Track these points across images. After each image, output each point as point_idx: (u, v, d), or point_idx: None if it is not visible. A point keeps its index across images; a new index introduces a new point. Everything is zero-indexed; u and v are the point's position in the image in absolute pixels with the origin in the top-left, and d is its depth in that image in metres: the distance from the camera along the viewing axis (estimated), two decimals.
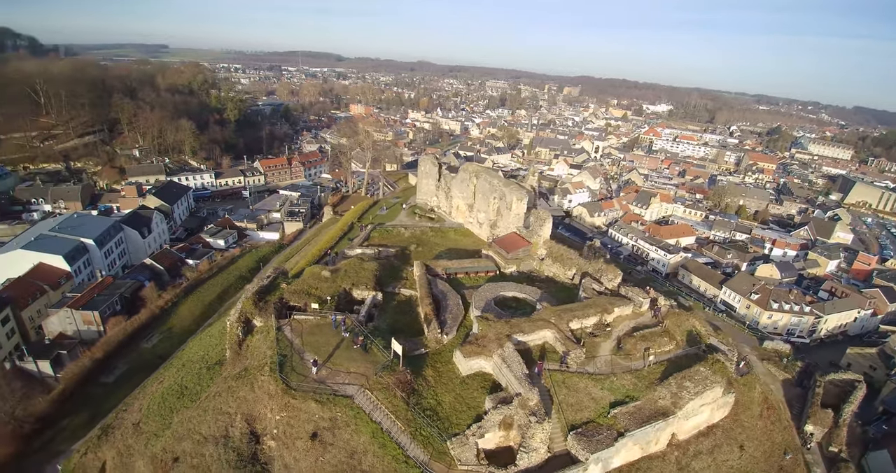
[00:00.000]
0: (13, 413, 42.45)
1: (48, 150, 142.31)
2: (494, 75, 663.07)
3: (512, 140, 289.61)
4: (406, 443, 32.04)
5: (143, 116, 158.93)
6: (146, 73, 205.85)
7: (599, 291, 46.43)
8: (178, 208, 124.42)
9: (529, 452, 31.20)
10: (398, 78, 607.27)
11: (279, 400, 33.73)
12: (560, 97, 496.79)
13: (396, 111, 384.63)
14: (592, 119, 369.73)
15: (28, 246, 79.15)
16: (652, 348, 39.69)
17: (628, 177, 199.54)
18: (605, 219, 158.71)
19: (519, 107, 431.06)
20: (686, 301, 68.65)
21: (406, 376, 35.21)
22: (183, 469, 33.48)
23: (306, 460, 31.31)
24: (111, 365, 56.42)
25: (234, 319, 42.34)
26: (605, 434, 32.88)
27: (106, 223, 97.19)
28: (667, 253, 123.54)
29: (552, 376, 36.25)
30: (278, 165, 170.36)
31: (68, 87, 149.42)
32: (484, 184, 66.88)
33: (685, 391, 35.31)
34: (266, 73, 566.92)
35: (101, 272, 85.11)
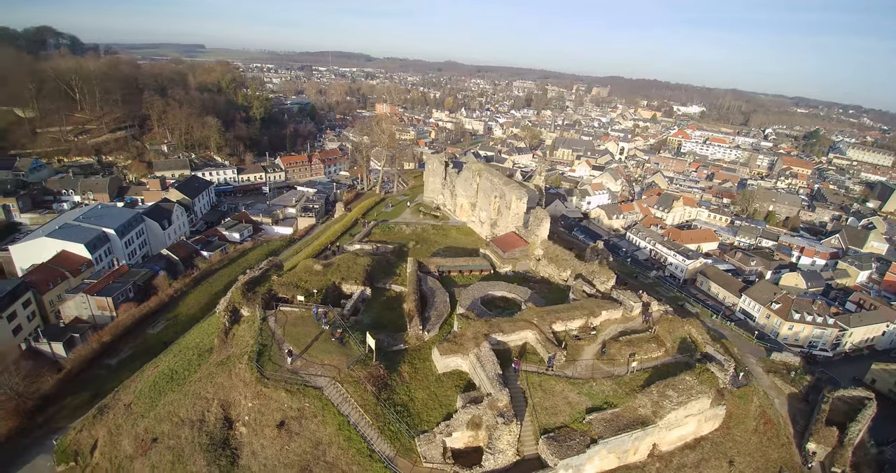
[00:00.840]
0: (17, 389, 44.52)
1: (81, 144, 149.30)
2: (522, 75, 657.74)
3: (534, 140, 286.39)
4: (373, 437, 31.93)
5: (172, 113, 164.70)
6: (178, 72, 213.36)
7: (590, 293, 45.12)
8: (199, 202, 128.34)
9: (495, 454, 30.55)
10: (425, 78, 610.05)
11: (252, 388, 34.22)
12: (588, 97, 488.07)
13: (421, 111, 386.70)
14: (620, 120, 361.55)
15: (52, 235, 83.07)
16: (637, 354, 38.26)
17: (652, 179, 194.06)
18: (624, 221, 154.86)
19: (544, 107, 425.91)
20: (693, 307, 65.97)
21: (379, 370, 35.11)
22: (160, 449, 34.34)
23: (272, 447, 31.62)
24: (117, 349, 58.48)
25: (223, 308, 43.27)
26: (578, 440, 31.85)
27: (128, 214, 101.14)
28: (685, 258, 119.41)
29: (528, 378, 35.42)
30: (299, 162, 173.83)
31: (102, 84, 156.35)
32: (485, 182, 66.20)
33: (667, 400, 33.86)
34: (297, 73, 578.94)
35: (118, 260, 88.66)
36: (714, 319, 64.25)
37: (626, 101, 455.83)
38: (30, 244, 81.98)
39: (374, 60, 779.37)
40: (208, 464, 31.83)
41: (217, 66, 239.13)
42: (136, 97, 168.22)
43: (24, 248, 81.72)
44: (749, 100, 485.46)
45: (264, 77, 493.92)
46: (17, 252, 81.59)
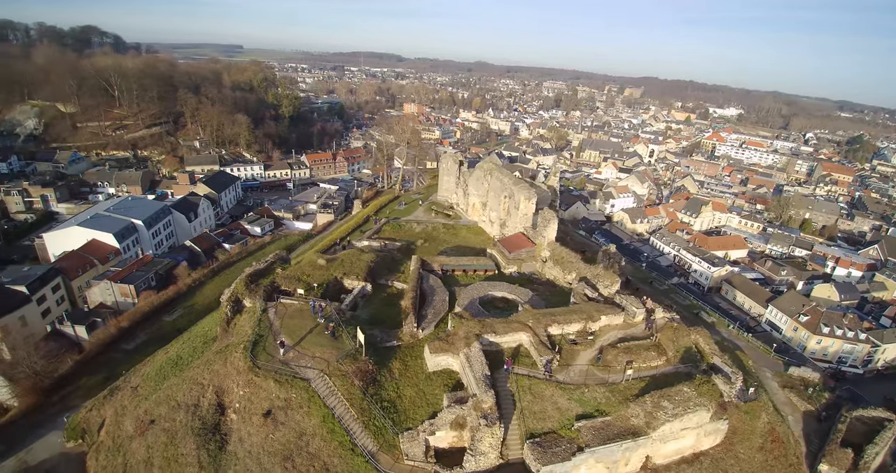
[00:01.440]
0: (35, 368, 46.99)
1: (119, 139, 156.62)
2: (553, 76, 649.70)
3: (561, 141, 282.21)
4: (357, 431, 32.02)
5: (205, 110, 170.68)
6: (213, 71, 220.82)
7: (592, 297, 43.92)
8: (225, 196, 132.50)
9: (476, 455, 30.07)
10: (455, 78, 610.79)
11: (244, 377, 34.92)
12: (619, 99, 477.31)
13: (448, 111, 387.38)
14: (651, 122, 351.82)
15: (83, 224, 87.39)
16: (635, 362, 36.93)
17: (681, 183, 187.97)
18: (648, 226, 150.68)
19: (574, 108, 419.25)
20: (710, 316, 63.31)
21: (368, 365, 35.16)
22: (156, 430, 35.51)
23: (258, 435, 32.14)
24: (134, 334, 60.81)
25: (226, 298, 44.38)
26: (564, 447, 30.95)
27: (156, 206, 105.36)
28: (710, 265, 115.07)
29: (518, 381, 34.71)
30: (323, 160, 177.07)
31: (140, 82, 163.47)
32: (496, 182, 65.52)
33: (661, 411, 32.43)
34: (329, 73, 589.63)
35: (145, 250, 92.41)
36: (731, 329, 61.58)
37: (660, 103, 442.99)
38: (62, 232, 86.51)
39: (406, 61, 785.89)
40: (198, 448, 32.67)
41: (250, 65, 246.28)
42: (171, 94, 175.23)
43: (56, 236, 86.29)
44: (790, 103, 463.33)
45: (297, 77, 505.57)
46: (51, 239, 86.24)
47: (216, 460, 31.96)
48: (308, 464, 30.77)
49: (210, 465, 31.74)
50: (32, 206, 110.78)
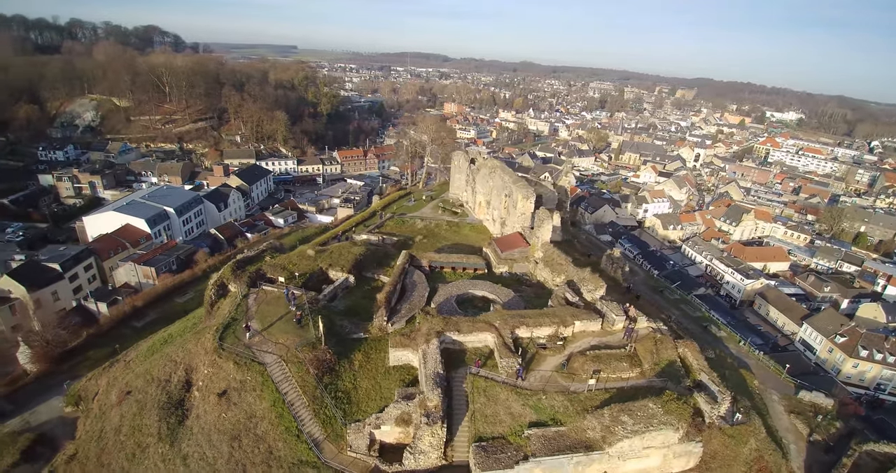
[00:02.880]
0: (46, 337, 50.87)
1: (167, 132, 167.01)
2: (600, 76, 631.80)
3: (600, 143, 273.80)
4: (305, 418, 32.35)
5: (247, 107, 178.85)
6: (259, 69, 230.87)
7: (572, 301, 42.03)
8: (256, 188, 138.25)
9: (416, 454, 29.56)
10: (499, 78, 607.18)
11: (210, 357, 36.10)
12: (669, 100, 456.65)
13: (488, 110, 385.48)
14: (702, 125, 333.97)
15: (119, 209, 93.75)
16: (604, 371, 34.98)
17: (725, 189, 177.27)
18: (682, 233, 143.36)
19: (619, 109, 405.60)
20: (720, 330, 59.00)
21: (326, 355, 35.39)
22: (130, 401, 37.37)
23: (213, 413, 33.13)
24: (145, 313, 64.37)
25: (212, 282, 46.08)
26: (510, 454, 29.74)
27: (188, 196, 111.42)
28: (744, 277, 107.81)
29: (475, 382, 33.78)
30: (354, 156, 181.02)
31: (189, 79, 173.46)
32: (497, 179, 64.33)
33: (620, 426, 30.39)
34: (376, 73, 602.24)
35: (175, 236, 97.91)
36: (741, 346, 57.11)
37: (713, 105, 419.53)
38: (100, 216, 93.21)
39: (451, 61, 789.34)
40: (160, 420, 34.11)
41: (293, 64, 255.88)
42: (217, 91, 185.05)
43: (95, 220, 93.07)
44: (856, 109, 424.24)
45: (345, 76, 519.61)
46: (90, 222, 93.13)
47: (173, 433, 33.23)
48: (253, 445, 31.39)
49: (167, 437, 33.05)
50: (81, 192, 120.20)
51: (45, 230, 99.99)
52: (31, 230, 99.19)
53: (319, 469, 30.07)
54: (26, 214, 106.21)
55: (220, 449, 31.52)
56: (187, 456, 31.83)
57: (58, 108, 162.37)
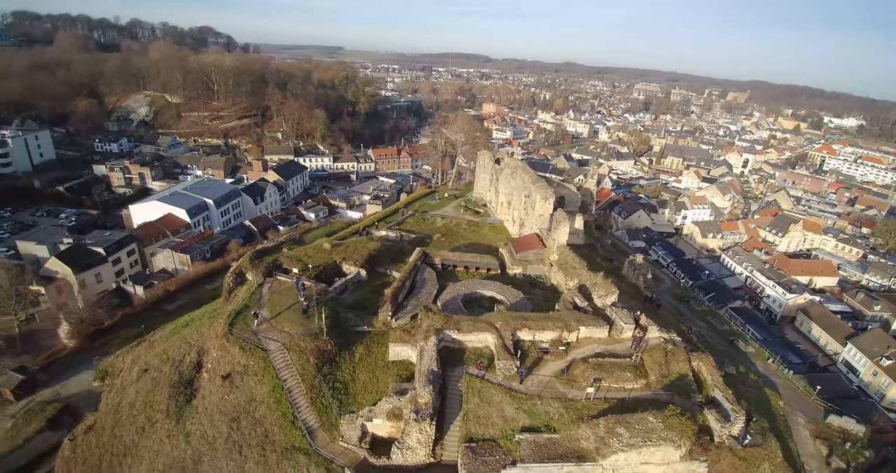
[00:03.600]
0: (81, 316, 54.74)
1: (214, 128, 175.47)
2: (647, 77, 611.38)
3: (641, 146, 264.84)
4: (302, 406, 33.16)
5: (288, 105, 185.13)
6: (302, 69, 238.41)
7: (580, 306, 40.87)
8: (292, 183, 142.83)
9: (404, 449, 29.66)
10: (540, 79, 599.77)
11: (219, 341, 37.70)
12: (719, 103, 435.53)
13: (527, 111, 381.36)
14: (753, 129, 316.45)
15: (162, 199, 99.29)
16: (605, 380, 33.78)
17: (773, 197, 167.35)
18: (722, 242, 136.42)
19: (665, 111, 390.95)
20: (748, 345, 55.63)
21: (327, 345, 36.10)
22: (146, 378, 39.66)
23: (216, 394, 34.58)
24: (176, 297, 67.97)
25: (231, 270, 48.04)
26: (499, 457, 29.22)
27: (227, 188, 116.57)
28: (786, 291, 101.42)
29: (470, 382, 33.50)
30: (388, 155, 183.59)
31: (235, 78, 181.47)
32: (518, 180, 63.50)
33: (615, 438, 29.20)
34: (417, 73, 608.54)
35: (213, 226, 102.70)
36: (770, 363, 53.61)
37: (766, 109, 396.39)
38: (144, 205, 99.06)
39: (493, 61, 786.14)
40: (169, 397, 35.94)
41: (335, 64, 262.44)
42: (261, 90, 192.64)
43: (140, 209, 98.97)
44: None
45: (387, 77, 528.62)
46: (135, 211, 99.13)
47: (180, 410, 34.92)
48: (251, 428, 32.51)
49: (174, 414, 34.78)
50: (131, 182, 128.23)
51: (96, 217, 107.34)
52: (83, 216, 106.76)
53: (310, 456, 30.73)
54: (80, 201, 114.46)
55: (220, 429, 32.84)
56: (190, 434, 33.35)
57: (114, 103, 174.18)
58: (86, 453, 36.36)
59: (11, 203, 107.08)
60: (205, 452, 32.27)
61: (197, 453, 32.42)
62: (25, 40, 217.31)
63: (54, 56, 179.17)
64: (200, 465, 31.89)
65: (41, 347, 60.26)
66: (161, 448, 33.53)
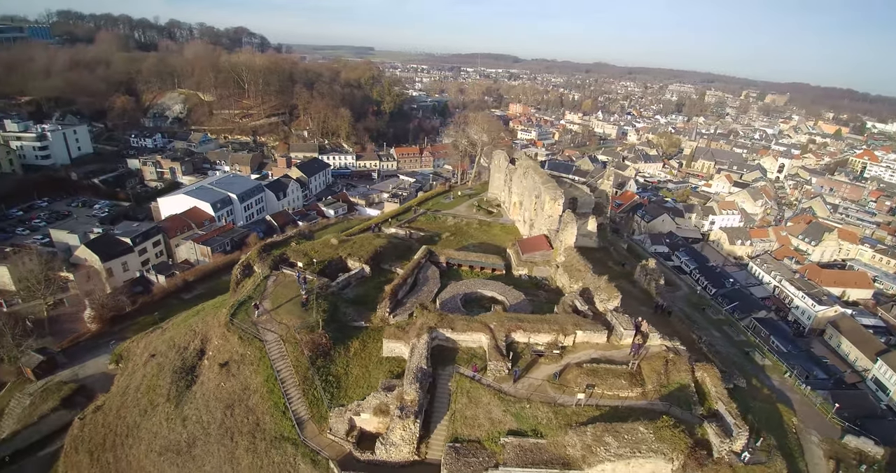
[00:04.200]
0: (101, 302, 57.30)
1: (244, 126, 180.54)
2: (681, 78, 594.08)
3: (671, 149, 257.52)
4: (294, 397, 33.74)
5: (314, 104, 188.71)
6: (330, 68, 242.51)
7: (581, 310, 40.04)
8: (314, 180, 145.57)
9: (386, 445, 29.74)
10: (570, 79, 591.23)
11: (221, 330, 38.80)
12: (756, 105, 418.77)
13: (554, 112, 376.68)
14: (791, 133, 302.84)
15: (188, 193, 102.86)
16: (598, 387, 32.93)
17: (808, 204, 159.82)
18: (751, 249, 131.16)
19: (698, 113, 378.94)
20: (764, 358, 53.20)
21: (322, 339, 36.61)
22: (152, 363, 41.10)
23: (214, 381, 35.58)
24: (194, 287, 70.14)
25: (239, 263, 49.33)
26: (482, 459, 28.97)
27: (251, 184, 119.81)
28: (816, 303, 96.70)
29: (459, 382, 33.33)
30: (411, 154, 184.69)
31: (265, 77, 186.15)
32: (529, 180, 62.80)
33: (602, 447, 28.39)
34: (446, 74, 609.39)
35: (235, 220, 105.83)
36: (787, 378, 51.13)
37: (806, 112, 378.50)
38: (172, 199, 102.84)
39: (522, 62, 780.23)
40: (171, 382, 37.16)
41: (361, 64, 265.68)
42: (289, 89, 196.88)
43: (167, 201, 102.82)
44: None
45: (416, 77, 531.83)
46: (163, 203, 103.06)
47: (180, 395, 36.06)
48: (244, 416, 33.28)
49: (174, 398, 35.95)
50: (162, 176, 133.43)
51: (127, 208, 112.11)
52: (115, 208, 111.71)
53: (298, 446, 31.22)
54: (114, 193, 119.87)
55: (215, 415, 33.77)
56: (186, 418, 34.42)
57: (151, 100, 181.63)
58: (92, 432, 37.95)
59: (49, 193, 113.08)
60: (199, 436, 33.25)
61: (191, 437, 33.43)
62: (69, 39, 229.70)
63: (95, 54, 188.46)
64: (194, 449, 32.87)
65: (67, 330, 63.29)
66: (159, 430, 34.72)
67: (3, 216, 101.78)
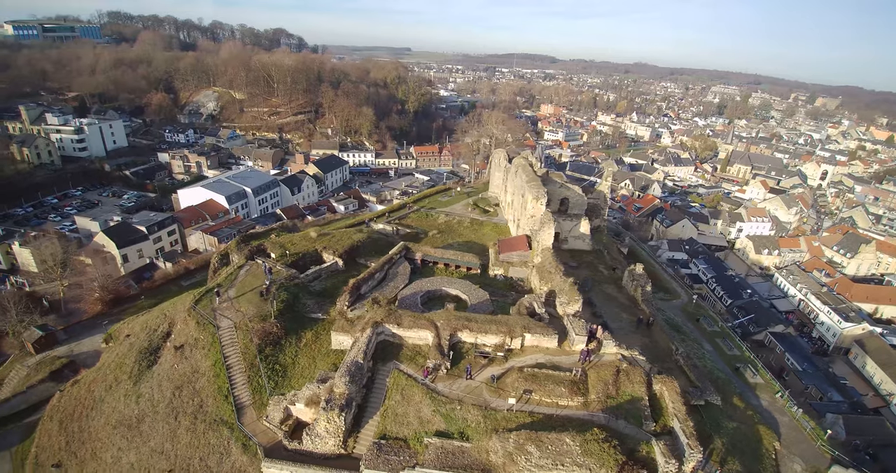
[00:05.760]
0: (102, 284, 60.72)
1: (271, 123, 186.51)
2: (726, 79, 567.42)
3: (706, 152, 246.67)
4: (239, 382, 34.63)
5: (338, 103, 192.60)
6: (359, 68, 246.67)
7: (537, 313, 38.92)
8: (331, 177, 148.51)
9: (312, 436, 29.98)
10: (607, 80, 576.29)
11: (183, 315, 40.29)
12: (805, 109, 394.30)
13: (586, 113, 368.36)
14: (839, 139, 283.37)
15: (206, 186, 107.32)
16: (536, 393, 31.78)
17: (849, 213, 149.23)
18: (778, 259, 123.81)
19: (741, 116, 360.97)
20: (758, 374, 49.77)
21: (273, 328, 37.29)
22: (126, 344, 43.33)
23: (169, 363, 37.09)
24: (194, 275, 73.19)
25: (218, 252, 51.04)
26: (402, 458, 28.68)
27: (266, 178, 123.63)
28: (842, 319, 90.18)
29: (396, 378, 33.14)
30: (430, 152, 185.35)
31: (293, 76, 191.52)
32: (518, 179, 61.73)
33: (524, 456, 27.34)
34: (480, 74, 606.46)
35: (244, 212, 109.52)
36: (779, 399, 47.46)
37: (858, 117, 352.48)
38: (190, 191, 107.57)
39: (559, 62, 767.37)
40: (135, 361, 38.92)
41: (388, 64, 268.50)
42: (317, 88, 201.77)
43: (186, 193, 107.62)
44: None
45: (450, 77, 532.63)
46: (182, 195, 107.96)
47: (140, 374, 37.74)
48: (189, 397, 34.43)
49: (135, 376, 37.69)
50: (189, 170, 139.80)
51: (153, 199, 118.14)
52: (142, 198, 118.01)
53: (233, 430, 32.01)
54: (142, 185, 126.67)
55: (165, 395, 35.14)
56: (141, 396, 35.99)
57: (187, 98, 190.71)
58: (67, 403, 40.29)
59: (83, 183, 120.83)
60: (148, 413, 34.70)
61: (142, 413, 34.94)
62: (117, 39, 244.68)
63: (137, 53, 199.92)
64: (142, 424, 34.35)
65: (78, 310, 67.65)
66: (117, 405, 36.47)
67: (40, 203, 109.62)
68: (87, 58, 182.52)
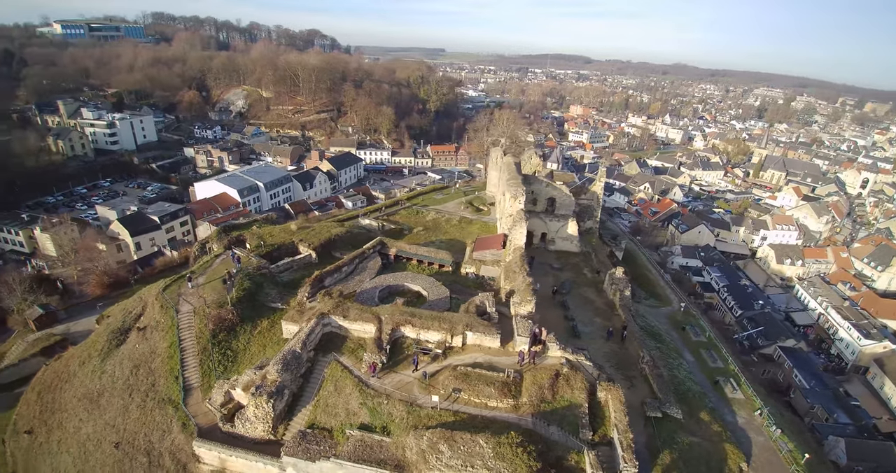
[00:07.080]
0: (104, 270, 64.35)
1: (295, 121, 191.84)
2: (770, 82, 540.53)
3: (739, 156, 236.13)
4: (191, 365, 36.14)
5: (359, 102, 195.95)
6: (384, 67, 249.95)
7: (487, 312, 38.54)
8: (345, 174, 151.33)
9: (243, 420, 30.97)
10: (643, 81, 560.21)
11: (154, 298, 42.34)
12: (852, 114, 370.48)
13: (616, 114, 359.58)
14: (886, 145, 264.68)
15: (220, 180, 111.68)
16: (465, 393, 31.47)
17: (887, 224, 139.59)
18: (802, 269, 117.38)
19: (782, 120, 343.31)
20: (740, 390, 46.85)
21: (229, 315, 38.61)
22: (104, 324, 45.86)
23: (132, 343, 39.09)
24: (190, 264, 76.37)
25: (199, 241, 53.20)
26: (323, 448, 29.12)
27: (279, 174, 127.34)
28: (863, 336, 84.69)
29: (332, 369, 33.66)
30: (446, 151, 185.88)
31: (317, 75, 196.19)
32: (503, 177, 61.26)
33: (436, 455, 26.99)
34: (513, 75, 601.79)
35: (256, 206, 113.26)
36: (757, 417, 44.53)
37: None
38: (205, 184, 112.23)
39: (593, 62, 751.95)
40: (107, 340, 41.16)
41: (413, 64, 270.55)
42: (340, 87, 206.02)
43: (202, 186, 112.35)
44: None
45: (481, 78, 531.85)
46: (199, 188, 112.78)
47: (109, 352, 39.91)
48: (144, 377, 36.22)
49: (105, 353, 39.91)
50: (212, 164, 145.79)
51: (174, 191, 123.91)
52: (164, 190, 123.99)
53: (177, 409, 33.46)
54: (167, 178, 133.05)
55: (124, 373, 37.08)
56: (104, 372, 38.10)
57: (218, 96, 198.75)
58: (48, 377, 43.06)
59: (113, 174, 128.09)
60: (107, 388, 36.72)
61: (103, 388, 37.01)
62: (158, 38, 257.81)
63: (174, 52, 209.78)
64: (101, 399, 36.39)
65: (85, 293, 72.04)
66: (85, 380, 38.75)
67: (70, 193, 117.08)
68: (126, 56, 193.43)
